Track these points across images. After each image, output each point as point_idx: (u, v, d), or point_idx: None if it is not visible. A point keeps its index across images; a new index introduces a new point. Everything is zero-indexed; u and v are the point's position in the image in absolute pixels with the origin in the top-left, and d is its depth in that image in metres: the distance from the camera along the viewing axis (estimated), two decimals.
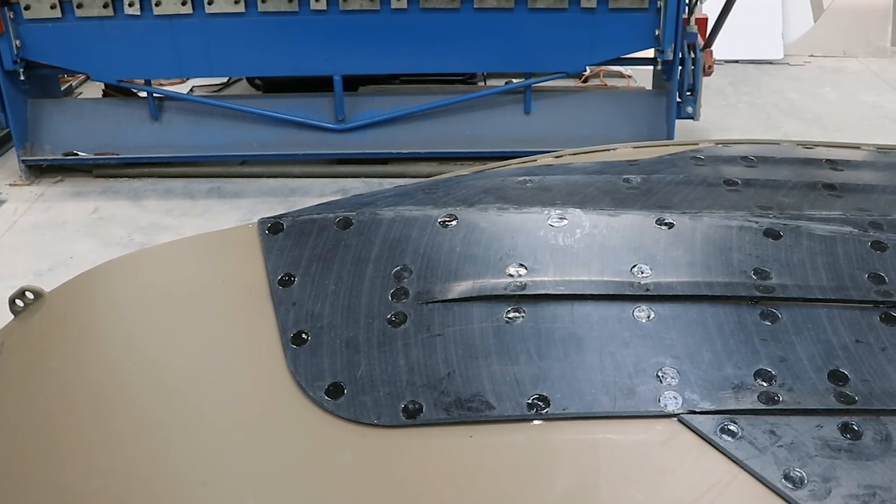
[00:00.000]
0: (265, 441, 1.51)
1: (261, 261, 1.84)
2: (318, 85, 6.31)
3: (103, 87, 6.91)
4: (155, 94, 6.40)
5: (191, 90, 7.50)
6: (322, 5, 5.80)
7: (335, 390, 1.55)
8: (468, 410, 1.49)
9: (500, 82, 6.83)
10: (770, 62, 9.21)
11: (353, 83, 6.50)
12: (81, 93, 7.85)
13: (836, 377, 1.53)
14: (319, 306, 1.71)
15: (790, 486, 1.37)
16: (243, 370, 1.65)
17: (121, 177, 6.54)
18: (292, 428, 1.53)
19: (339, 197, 2.15)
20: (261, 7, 5.86)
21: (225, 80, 7.75)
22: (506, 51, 6.01)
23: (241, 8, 5.87)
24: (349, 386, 1.55)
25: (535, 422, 1.48)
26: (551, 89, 6.48)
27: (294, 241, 1.86)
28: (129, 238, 5.78)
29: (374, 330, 1.64)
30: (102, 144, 6.41)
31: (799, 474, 1.38)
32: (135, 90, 6.62)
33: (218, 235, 2.05)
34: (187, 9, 5.89)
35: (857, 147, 2.39)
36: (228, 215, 5.98)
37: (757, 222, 1.82)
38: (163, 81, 7.41)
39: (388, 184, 5.79)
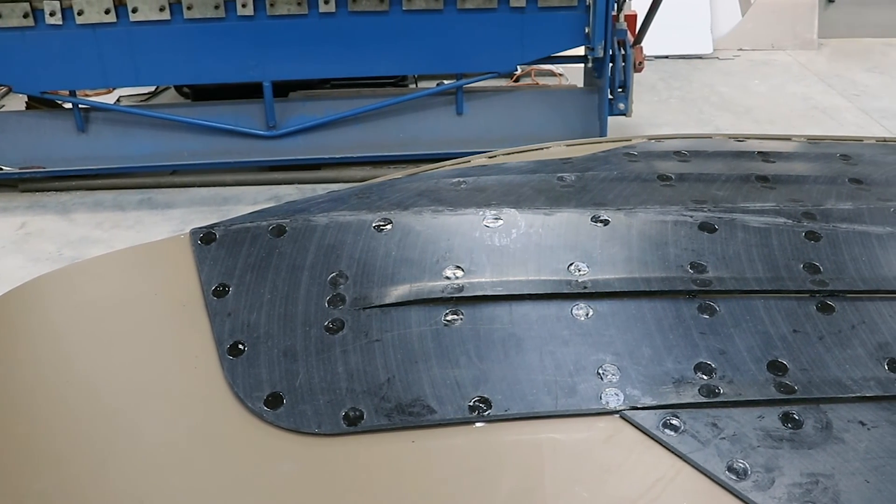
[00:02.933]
0: (205, 455, 1.49)
1: (194, 272, 1.81)
2: (247, 91, 6.25)
3: (26, 100, 6.78)
4: (80, 106, 6.28)
5: (118, 100, 7.39)
6: (249, 11, 5.75)
7: (274, 400, 1.53)
8: (409, 415, 1.48)
9: (432, 84, 6.83)
10: (700, 57, 9.31)
11: (283, 89, 6.45)
12: (4, 105, 7.69)
13: (776, 367, 1.54)
14: (255, 316, 1.68)
15: (734, 477, 1.38)
16: (180, 384, 1.62)
17: (48, 191, 6.42)
18: (232, 440, 1.51)
19: (272, 204, 2.13)
20: (186, 14, 5.78)
21: (152, 89, 7.65)
22: (436, 52, 6.00)
23: (166, 15, 5.79)
24: (288, 395, 1.53)
25: (478, 424, 1.47)
26: (483, 89, 6.48)
27: (227, 251, 1.83)
28: (58, 253, 5.68)
29: (311, 338, 1.63)
30: (28, 158, 6.28)
31: (742, 466, 1.39)
32: (59, 102, 6.51)
33: (150, 247, 2.01)
34: (111, 17, 5.79)
35: (787, 139, 2.42)
36: (160, 226, 5.91)
37: (692, 216, 1.83)
38: (88, 92, 7.28)
39: (321, 189, 5.77)
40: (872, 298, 1.69)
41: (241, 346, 1.63)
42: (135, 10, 5.78)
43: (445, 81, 6.51)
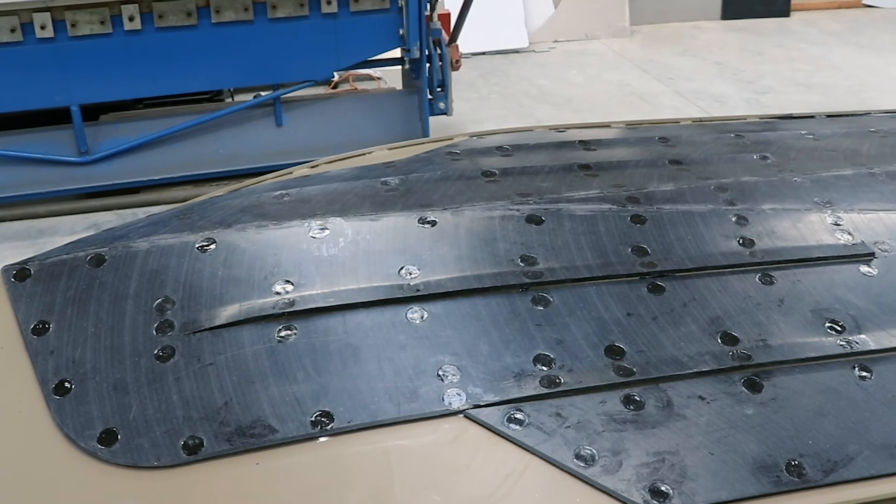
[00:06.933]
0: (39, 502, 1.42)
1: (10, 311, 1.73)
2: (55, 117, 6.02)
3: None
4: None
5: None
6: (49, 33, 5.53)
7: (108, 437, 1.48)
8: (251, 437, 1.45)
9: (249, 97, 6.73)
10: (516, 51, 9.46)
11: (93, 112, 6.24)
12: None
13: (613, 352, 1.57)
14: (80, 351, 1.62)
15: (582, 464, 1.40)
16: (4, 430, 1.54)
17: None
18: (66, 484, 1.45)
19: (91, 233, 2.04)
20: None
21: None
22: (250, 64, 5.91)
23: None
24: (122, 430, 1.48)
25: (322, 439, 1.45)
26: (301, 99, 6.43)
27: (44, 286, 1.75)
28: None
29: (141, 368, 1.57)
30: None
31: (589, 452, 1.41)
32: None
33: None
34: None
35: (607, 126, 2.47)
36: None
37: (518, 210, 1.84)
38: None
39: (142, 213, 5.61)
40: (700, 275, 1.74)
41: (67, 385, 1.57)
42: None
43: (262, 93, 6.43)
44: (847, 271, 1.79)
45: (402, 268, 1.71)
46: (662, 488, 1.37)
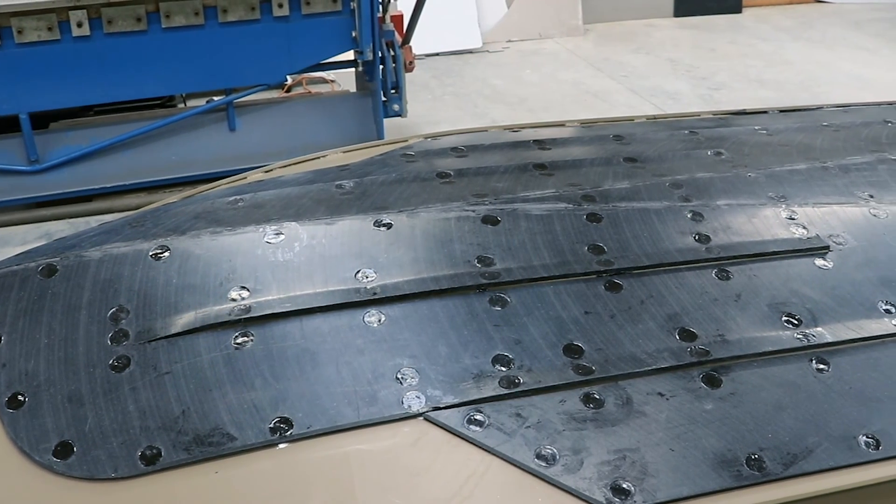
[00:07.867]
0: None
1: None
2: (3, 125, 5.94)
3: None
4: None
5: None
6: None
7: (64, 450, 1.46)
8: (210, 446, 1.43)
9: (201, 102, 6.69)
10: (470, 51, 9.46)
11: (42, 120, 6.17)
12: None
13: (572, 350, 1.57)
14: (33, 363, 1.59)
15: (543, 464, 1.40)
16: None
17: None
18: (22, 499, 1.43)
19: (42, 243, 2.02)
20: None
21: None
22: (202, 68, 5.86)
23: None
24: (78, 443, 1.46)
25: (281, 445, 1.44)
26: (254, 103, 6.39)
27: None
28: None
29: (96, 379, 1.55)
30: None
31: (550, 451, 1.41)
32: None
33: None
34: None
35: (562, 125, 2.48)
36: None
37: (474, 210, 1.84)
38: None
39: (95, 222, 5.55)
40: (657, 272, 1.74)
41: (20, 398, 1.54)
42: None
43: (215, 98, 6.39)
44: (802, 265, 1.80)
45: (358, 271, 1.70)
46: (624, 486, 1.37)
